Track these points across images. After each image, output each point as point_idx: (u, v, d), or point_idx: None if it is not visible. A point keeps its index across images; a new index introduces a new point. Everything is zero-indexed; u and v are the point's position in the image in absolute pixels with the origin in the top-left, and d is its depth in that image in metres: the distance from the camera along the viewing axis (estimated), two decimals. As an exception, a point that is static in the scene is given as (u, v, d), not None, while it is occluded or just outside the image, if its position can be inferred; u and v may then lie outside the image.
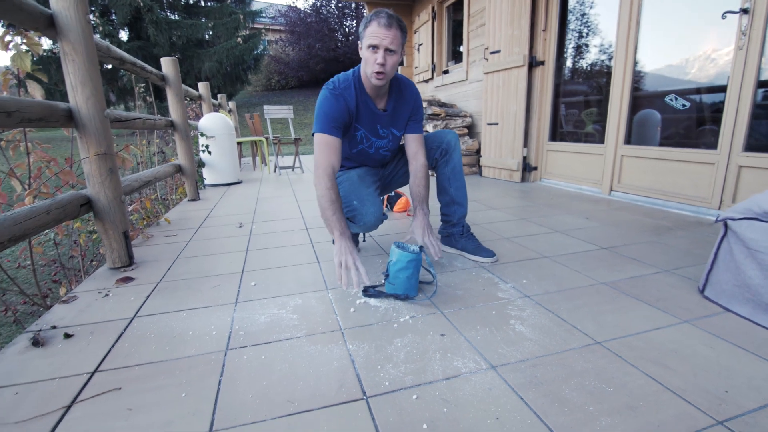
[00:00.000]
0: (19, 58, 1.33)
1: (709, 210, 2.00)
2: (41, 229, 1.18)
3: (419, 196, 1.33)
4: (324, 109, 1.25)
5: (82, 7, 1.33)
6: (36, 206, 1.18)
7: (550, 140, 3.09)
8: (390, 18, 1.16)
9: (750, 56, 1.78)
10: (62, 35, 1.32)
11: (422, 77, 4.99)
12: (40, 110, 1.22)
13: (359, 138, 1.38)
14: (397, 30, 1.17)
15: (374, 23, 1.17)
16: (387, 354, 0.88)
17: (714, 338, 0.90)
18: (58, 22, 1.31)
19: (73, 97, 1.36)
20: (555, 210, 2.23)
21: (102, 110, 1.42)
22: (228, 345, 0.94)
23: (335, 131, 1.25)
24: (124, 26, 10.35)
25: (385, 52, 1.17)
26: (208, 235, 1.97)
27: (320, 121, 1.25)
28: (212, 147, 3.56)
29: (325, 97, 1.26)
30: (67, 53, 1.33)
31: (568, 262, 1.42)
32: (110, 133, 1.47)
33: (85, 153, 1.41)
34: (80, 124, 1.38)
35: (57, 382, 0.83)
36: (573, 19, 2.88)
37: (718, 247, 1.07)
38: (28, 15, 1.20)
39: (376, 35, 1.16)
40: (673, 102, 2.20)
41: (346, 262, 1.09)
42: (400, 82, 1.36)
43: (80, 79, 1.35)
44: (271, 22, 16.38)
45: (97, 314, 1.13)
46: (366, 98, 1.31)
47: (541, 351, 0.87)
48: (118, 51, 1.83)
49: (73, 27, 1.32)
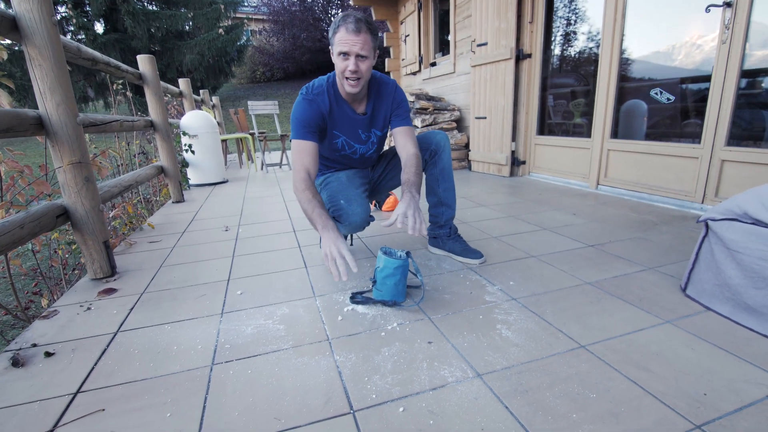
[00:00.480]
0: None
1: (693, 204, 2.04)
2: (15, 245, 1.14)
3: (408, 182, 1.21)
4: (297, 115, 1.26)
5: (47, 8, 1.26)
6: (8, 221, 1.14)
7: (538, 134, 3.10)
8: (358, 23, 1.12)
9: (733, 50, 1.80)
10: (27, 39, 1.25)
11: (409, 69, 4.93)
12: (6, 120, 1.16)
13: (340, 145, 1.37)
14: (366, 34, 1.14)
15: (342, 29, 1.14)
16: (374, 364, 0.88)
17: (695, 339, 0.93)
18: (22, 25, 1.24)
19: (43, 104, 1.30)
20: (543, 206, 2.25)
21: (74, 117, 1.37)
22: (214, 359, 0.93)
23: (309, 136, 1.25)
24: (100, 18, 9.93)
25: (357, 58, 1.15)
26: (193, 240, 1.93)
27: (294, 128, 1.26)
28: (195, 146, 3.48)
29: (298, 103, 1.27)
30: (34, 58, 1.26)
31: (555, 261, 1.43)
32: (84, 141, 1.42)
33: (58, 162, 1.36)
34: (51, 132, 1.32)
35: (38, 405, 0.81)
36: (560, 9, 2.86)
37: (700, 246, 1.09)
38: None
39: (346, 42, 1.14)
40: (658, 96, 2.22)
41: (332, 252, 1.05)
42: (378, 81, 1.33)
43: (49, 85, 1.29)
44: (254, 11, 15.93)
45: (79, 330, 1.10)
46: (342, 104, 1.30)
47: (526, 357, 0.88)
48: (89, 51, 1.76)
49: (38, 30, 1.25)
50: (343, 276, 1.01)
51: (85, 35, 9.53)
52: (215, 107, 6.59)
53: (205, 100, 5.80)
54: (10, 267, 1.50)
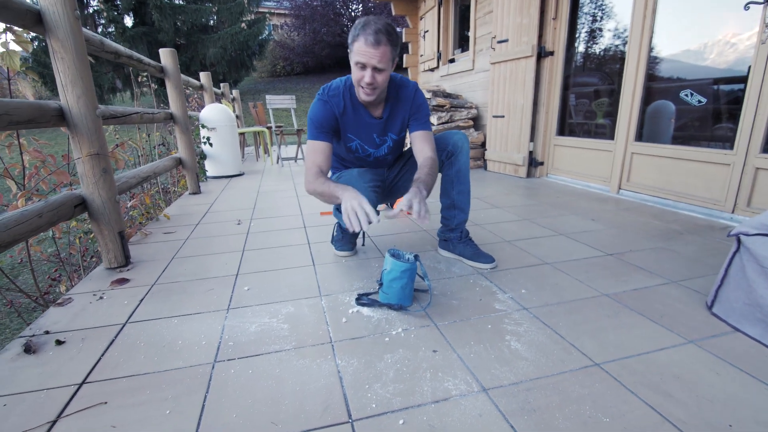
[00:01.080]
0: (8, 57, 1.30)
1: (722, 213, 1.93)
2: (33, 234, 1.17)
3: (418, 180, 1.17)
4: (311, 115, 1.28)
5: (70, 2, 1.29)
6: (27, 210, 1.17)
7: (557, 135, 3.00)
8: (378, 34, 1.09)
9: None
10: (51, 32, 1.28)
11: (428, 66, 4.85)
12: (29, 111, 1.19)
13: (354, 147, 1.37)
14: (386, 46, 1.11)
15: (362, 39, 1.11)
16: (376, 371, 0.86)
17: (721, 362, 0.86)
18: (46, 19, 1.27)
19: (64, 95, 1.33)
20: (560, 209, 2.17)
21: (94, 109, 1.39)
22: (216, 357, 0.93)
23: (323, 136, 1.26)
24: (129, 11, 10.25)
25: (374, 70, 1.14)
26: (206, 232, 1.95)
27: (309, 129, 1.28)
28: (213, 139, 3.53)
29: (315, 103, 1.29)
30: (56, 51, 1.29)
31: (571, 269, 1.37)
32: (102, 133, 1.44)
33: (78, 153, 1.39)
34: (72, 123, 1.36)
35: (45, 393, 0.83)
36: (585, 5, 2.73)
37: (730, 262, 1.02)
38: (14, 12, 1.17)
39: (364, 53, 1.11)
40: (689, 98, 2.09)
41: (353, 205, 1.06)
42: (397, 84, 1.31)
43: (70, 77, 1.32)
44: (276, 6, 16.07)
45: (90, 319, 1.13)
46: (358, 107, 1.29)
47: (536, 372, 0.84)
48: (112, 44, 1.79)
49: (61, 24, 1.27)
50: (363, 224, 1.03)
51: (115, 28, 9.86)
52: (235, 100, 6.68)
53: (225, 94, 5.89)
54: (31, 253, 1.55)
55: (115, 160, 1.70)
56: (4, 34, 1.31)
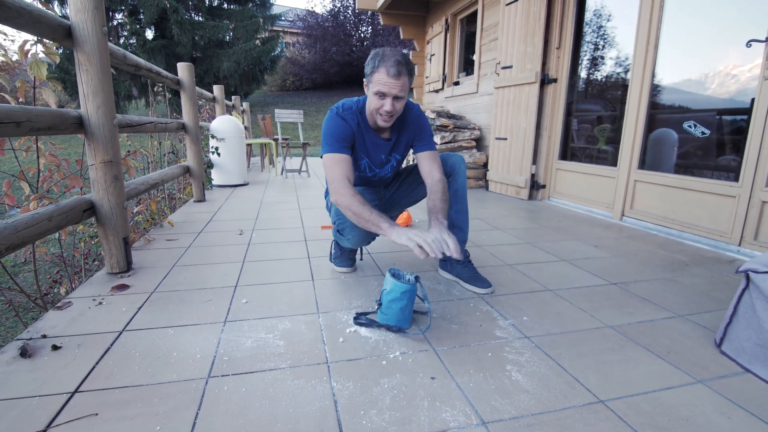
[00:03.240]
0: (36, 66, 1.35)
1: (728, 246, 1.90)
2: (42, 236, 1.18)
3: (435, 209, 1.20)
4: (331, 129, 1.26)
5: (99, 19, 1.35)
6: (38, 213, 1.18)
7: (560, 159, 3.01)
8: (399, 66, 1.13)
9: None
10: (78, 46, 1.34)
11: (432, 87, 4.96)
12: (50, 119, 1.23)
13: (362, 167, 1.39)
14: (405, 77, 1.16)
15: (383, 70, 1.14)
16: (372, 396, 0.84)
17: (731, 405, 0.83)
18: (75, 34, 1.33)
19: (85, 105, 1.38)
20: (562, 234, 2.16)
21: (112, 119, 1.43)
22: (210, 371, 0.91)
23: (344, 149, 1.26)
24: (151, 25, 10.65)
25: (393, 99, 1.17)
26: (208, 241, 1.96)
27: (328, 142, 1.26)
28: (221, 149, 3.59)
29: (331, 118, 1.28)
30: (82, 63, 1.35)
31: (574, 298, 1.35)
32: (117, 141, 1.48)
33: (92, 160, 1.42)
34: (89, 131, 1.39)
35: (37, 400, 0.81)
36: (588, 35, 2.80)
37: (739, 299, 1.00)
38: (47, 27, 1.22)
39: (385, 84, 1.15)
40: (692, 129, 2.10)
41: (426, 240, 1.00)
42: (404, 108, 1.34)
43: (92, 88, 1.37)
44: (290, 25, 16.64)
45: (88, 325, 1.12)
46: (369, 130, 1.32)
47: (537, 407, 0.81)
48: (134, 58, 1.85)
49: (89, 39, 1.33)
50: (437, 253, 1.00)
51: (136, 40, 10.24)
52: (245, 112, 6.82)
53: (235, 106, 6.03)
54: (36, 253, 1.56)
55: (127, 167, 1.73)
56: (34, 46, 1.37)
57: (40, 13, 1.18)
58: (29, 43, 1.37)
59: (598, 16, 2.72)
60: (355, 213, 1.15)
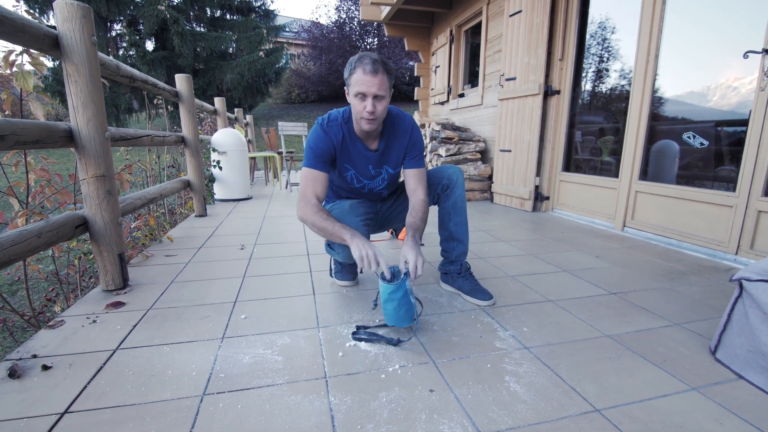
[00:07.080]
0: (21, 78, 1.30)
1: (725, 255, 1.91)
2: (31, 253, 1.16)
3: (413, 225, 1.24)
4: (311, 143, 1.29)
5: (88, 28, 1.33)
6: (26, 229, 1.16)
7: (563, 170, 3.03)
8: (375, 63, 1.14)
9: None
10: (66, 56, 1.31)
11: (438, 99, 5.01)
12: (37, 132, 1.19)
13: (349, 178, 1.38)
14: (383, 75, 1.16)
15: (359, 70, 1.15)
16: (370, 411, 0.82)
17: (725, 412, 0.82)
18: (63, 44, 1.30)
19: (75, 117, 1.36)
20: (565, 245, 2.16)
21: (103, 132, 1.42)
22: (206, 389, 0.90)
23: (320, 165, 1.27)
24: (150, 36, 10.67)
25: (374, 98, 1.17)
26: (208, 256, 1.95)
27: (307, 156, 1.29)
28: (223, 162, 3.59)
29: (315, 130, 1.30)
30: (70, 74, 1.33)
31: (574, 308, 1.35)
32: (110, 155, 1.46)
33: (83, 174, 1.41)
34: (80, 145, 1.38)
35: (25, 422, 0.80)
36: (591, 47, 2.85)
37: (732, 307, 0.99)
38: (31, 36, 1.19)
39: (363, 83, 1.15)
40: (692, 140, 2.13)
41: (368, 255, 1.08)
42: (393, 116, 1.34)
43: (82, 100, 1.35)
44: (294, 36, 16.71)
45: (80, 344, 1.11)
46: (355, 140, 1.31)
47: (534, 417, 0.80)
48: (128, 69, 1.85)
49: (78, 49, 1.31)
50: (372, 269, 1.09)
51: (136, 52, 10.22)
52: (248, 125, 6.87)
53: (238, 118, 6.06)
54: (28, 272, 1.55)
55: (121, 182, 1.72)
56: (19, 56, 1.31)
57: (23, 21, 1.15)
58: (14, 54, 1.31)
59: (602, 27, 2.75)
60: (319, 228, 1.20)
